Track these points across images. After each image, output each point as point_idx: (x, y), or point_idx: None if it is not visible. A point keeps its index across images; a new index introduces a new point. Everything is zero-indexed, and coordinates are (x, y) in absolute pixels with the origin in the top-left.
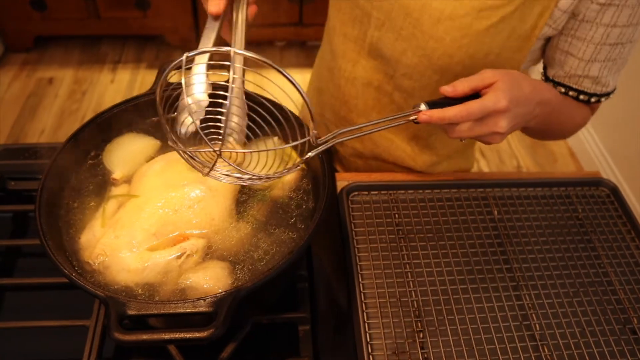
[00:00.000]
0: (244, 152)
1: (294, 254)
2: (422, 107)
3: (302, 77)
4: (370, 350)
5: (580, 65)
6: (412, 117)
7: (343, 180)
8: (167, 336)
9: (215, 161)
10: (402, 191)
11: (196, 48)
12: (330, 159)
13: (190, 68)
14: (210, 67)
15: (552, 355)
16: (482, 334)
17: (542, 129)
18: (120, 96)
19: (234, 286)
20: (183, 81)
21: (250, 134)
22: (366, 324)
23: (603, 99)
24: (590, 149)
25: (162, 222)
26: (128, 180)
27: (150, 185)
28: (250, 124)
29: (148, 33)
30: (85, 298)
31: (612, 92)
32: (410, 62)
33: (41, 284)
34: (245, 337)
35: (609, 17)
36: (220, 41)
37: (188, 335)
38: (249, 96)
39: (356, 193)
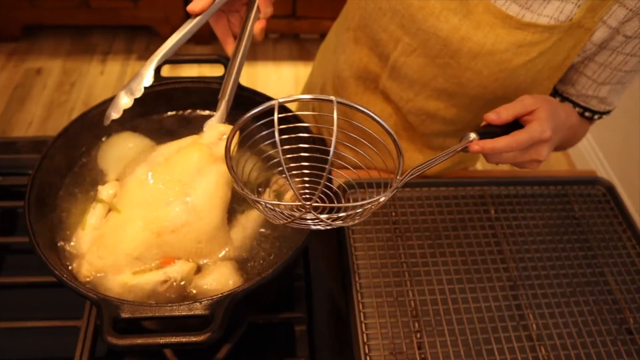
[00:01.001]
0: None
1: (291, 255)
2: (472, 136)
3: (295, 70)
4: (367, 351)
5: (592, 86)
6: (462, 148)
7: (339, 177)
8: (162, 340)
9: (303, 214)
10: (399, 189)
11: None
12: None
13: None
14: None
15: (549, 356)
16: (479, 334)
17: (557, 146)
18: (110, 88)
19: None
20: (277, 134)
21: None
22: (363, 324)
23: (604, 116)
24: (582, 146)
25: (145, 246)
26: (119, 177)
27: (132, 199)
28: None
29: (139, 23)
30: (76, 296)
31: (612, 110)
32: (440, 86)
33: (31, 283)
34: (241, 337)
35: (630, 47)
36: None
37: (184, 339)
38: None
39: (353, 191)
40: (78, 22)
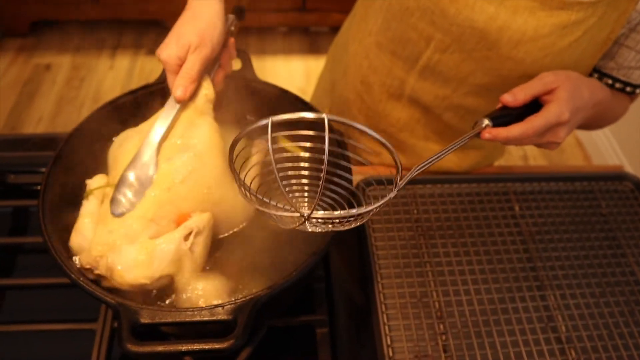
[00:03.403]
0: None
1: (315, 256)
2: (485, 122)
3: (305, 63)
4: (391, 354)
5: (636, 57)
6: (475, 133)
7: (359, 173)
8: (184, 347)
9: (302, 223)
10: (420, 185)
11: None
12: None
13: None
14: None
15: (580, 359)
16: (506, 336)
17: (585, 125)
18: (120, 83)
19: (255, 293)
20: (271, 151)
21: None
22: (386, 326)
23: None
24: (598, 139)
25: (157, 204)
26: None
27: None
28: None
29: (147, 17)
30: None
31: None
32: (480, 82)
33: (45, 284)
34: (261, 341)
35: None
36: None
37: (207, 346)
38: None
39: (373, 187)
40: (86, 17)
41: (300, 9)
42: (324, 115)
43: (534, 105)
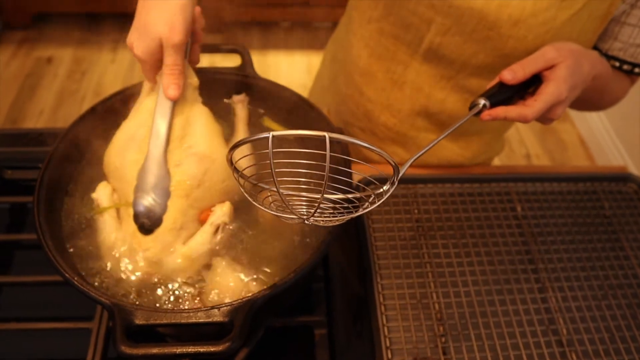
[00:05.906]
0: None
1: (314, 257)
2: (482, 102)
3: (307, 59)
4: (390, 355)
5: None
6: (473, 114)
7: (358, 172)
8: (179, 350)
9: (301, 222)
10: (422, 185)
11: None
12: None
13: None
14: None
15: None
16: (507, 339)
17: (584, 100)
18: (121, 77)
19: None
20: (272, 169)
21: None
22: (386, 327)
23: None
24: (602, 138)
25: (181, 213)
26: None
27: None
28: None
29: None
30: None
31: None
32: (482, 62)
33: (41, 282)
34: (259, 341)
35: None
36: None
37: (202, 349)
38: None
39: (373, 186)
40: (88, 10)
41: (303, 4)
42: (325, 134)
43: (533, 78)
